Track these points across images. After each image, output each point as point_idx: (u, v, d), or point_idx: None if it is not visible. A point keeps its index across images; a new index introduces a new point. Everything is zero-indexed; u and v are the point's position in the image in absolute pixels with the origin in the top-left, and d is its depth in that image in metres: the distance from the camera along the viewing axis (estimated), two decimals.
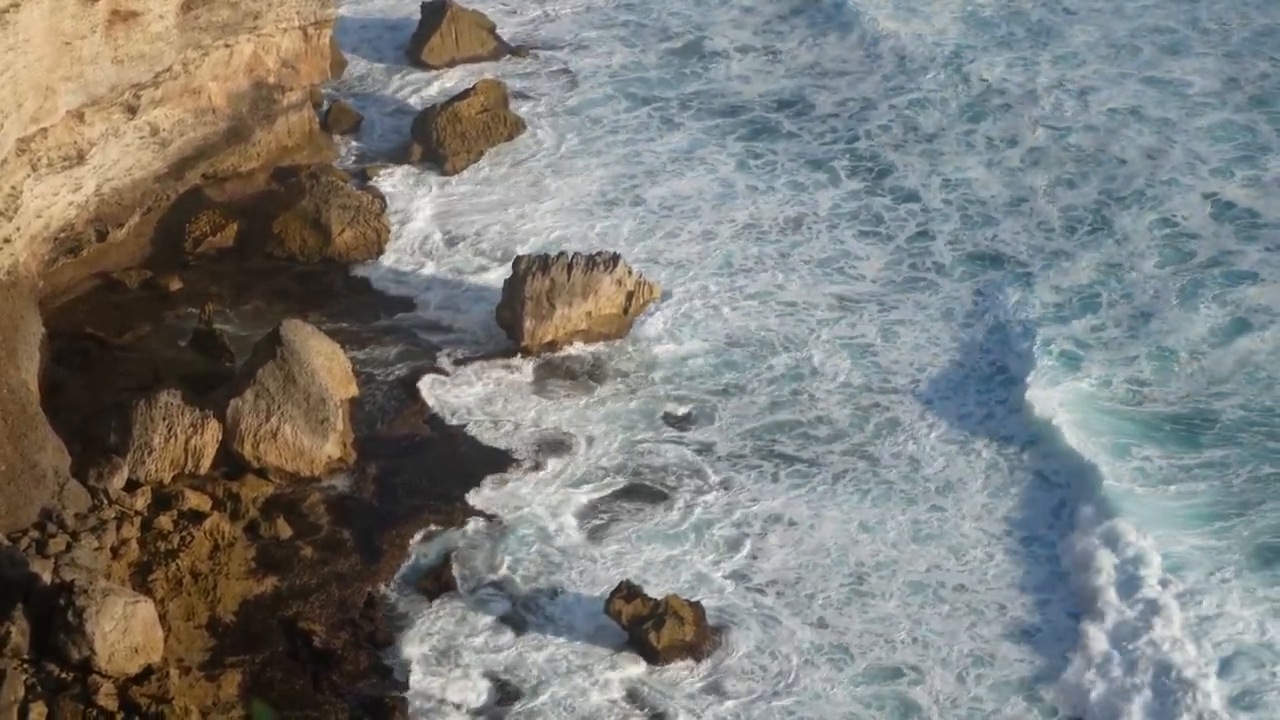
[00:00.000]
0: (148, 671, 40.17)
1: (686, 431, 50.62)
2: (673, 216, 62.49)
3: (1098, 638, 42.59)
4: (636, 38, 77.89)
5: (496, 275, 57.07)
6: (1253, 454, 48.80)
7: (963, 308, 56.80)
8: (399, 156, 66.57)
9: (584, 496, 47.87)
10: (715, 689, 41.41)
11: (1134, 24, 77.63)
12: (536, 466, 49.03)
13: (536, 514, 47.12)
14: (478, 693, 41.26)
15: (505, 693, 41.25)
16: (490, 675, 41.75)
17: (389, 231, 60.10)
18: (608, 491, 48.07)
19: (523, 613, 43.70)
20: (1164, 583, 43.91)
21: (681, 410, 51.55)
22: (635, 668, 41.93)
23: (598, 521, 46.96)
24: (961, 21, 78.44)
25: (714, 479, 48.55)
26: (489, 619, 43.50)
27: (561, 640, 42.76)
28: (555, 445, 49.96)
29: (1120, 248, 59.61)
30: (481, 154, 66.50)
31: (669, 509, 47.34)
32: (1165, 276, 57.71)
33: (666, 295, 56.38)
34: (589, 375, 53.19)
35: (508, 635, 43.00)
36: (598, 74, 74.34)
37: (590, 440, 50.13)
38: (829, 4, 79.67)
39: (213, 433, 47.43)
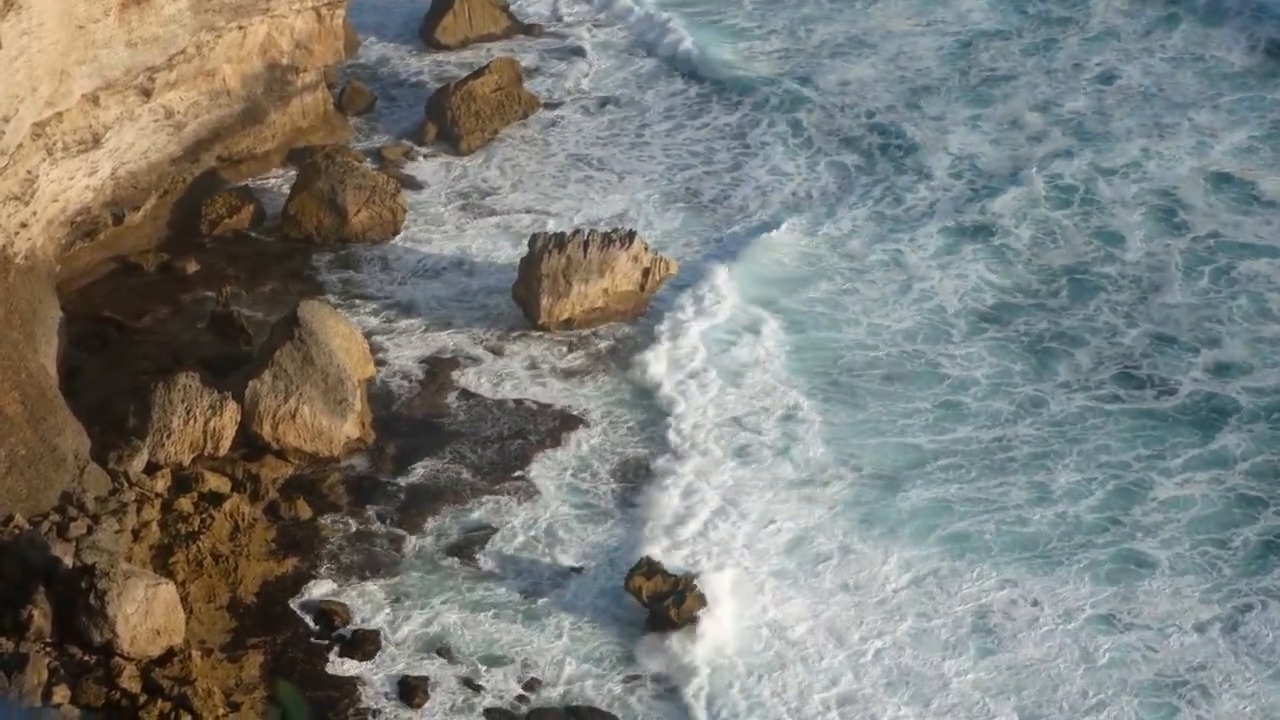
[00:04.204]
0: (170, 653, 40.28)
1: (702, 411, 50.53)
2: (688, 191, 62.61)
3: None
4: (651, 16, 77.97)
5: (513, 253, 57.01)
6: None
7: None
8: (414, 136, 66.53)
9: (602, 474, 47.83)
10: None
11: None
12: (555, 444, 49.01)
13: (555, 491, 47.12)
14: (499, 669, 41.28)
15: (526, 669, 41.28)
16: (511, 652, 41.78)
17: (405, 211, 60.04)
18: (626, 469, 48.02)
19: (543, 589, 43.68)
20: None
21: (698, 389, 51.48)
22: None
23: (616, 499, 46.93)
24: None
25: (730, 460, 48.45)
26: (510, 596, 43.50)
27: (582, 617, 42.78)
28: (572, 422, 49.93)
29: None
30: (496, 133, 66.44)
31: (688, 489, 47.15)
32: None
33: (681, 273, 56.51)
34: (607, 353, 53.12)
35: (529, 612, 42.98)
36: (607, 50, 74.33)
37: (607, 418, 50.09)
38: None
39: (231, 414, 47.48)
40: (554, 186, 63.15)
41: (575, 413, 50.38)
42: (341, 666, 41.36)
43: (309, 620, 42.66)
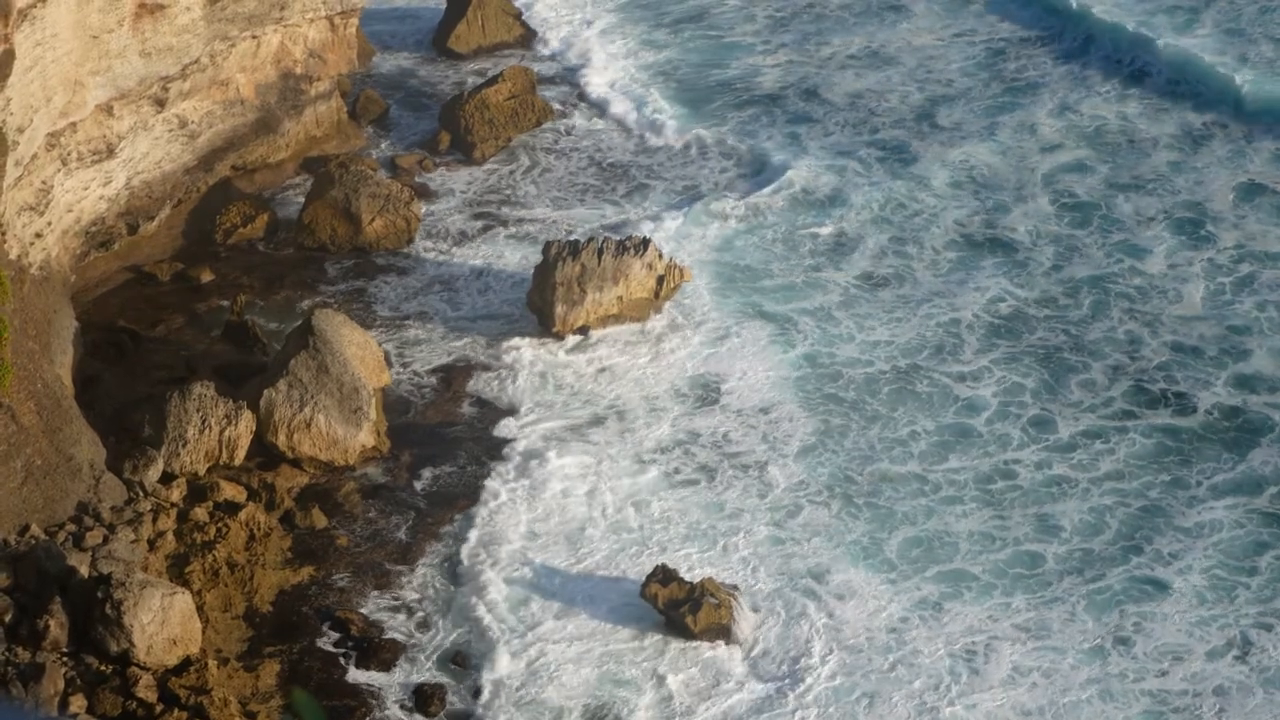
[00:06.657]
0: (186, 663, 40.26)
1: (718, 417, 50.39)
2: (691, 198, 62.55)
3: None
4: (658, 24, 77.87)
5: (527, 261, 56.96)
6: None
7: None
8: (427, 144, 66.58)
9: (618, 480, 47.70)
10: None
11: None
12: (570, 451, 48.90)
13: (571, 497, 47.02)
14: (513, 677, 41.18)
15: (539, 676, 41.13)
16: (525, 659, 41.67)
17: (419, 220, 60.06)
18: (642, 475, 47.89)
19: (561, 596, 43.59)
20: None
21: (713, 395, 51.38)
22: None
23: (633, 505, 46.79)
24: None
25: (750, 469, 48.24)
26: (524, 602, 43.40)
27: (596, 623, 42.66)
28: (588, 430, 49.82)
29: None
30: (510, 141, 66.45)
31: (705, 492, 47.08)
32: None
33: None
34: (621, 360, 53.00)
35: (544, 620, 42.88)
36: (620, 58, 74.37)
37: (621, 424, 49.97)
38: None
39: (247, 424, 47.49)
40: (568, 194, 63.11)
41: (591, 419, 50.23)
42: (358, 675, 41.31)
43: (325, 629, 42.63)
